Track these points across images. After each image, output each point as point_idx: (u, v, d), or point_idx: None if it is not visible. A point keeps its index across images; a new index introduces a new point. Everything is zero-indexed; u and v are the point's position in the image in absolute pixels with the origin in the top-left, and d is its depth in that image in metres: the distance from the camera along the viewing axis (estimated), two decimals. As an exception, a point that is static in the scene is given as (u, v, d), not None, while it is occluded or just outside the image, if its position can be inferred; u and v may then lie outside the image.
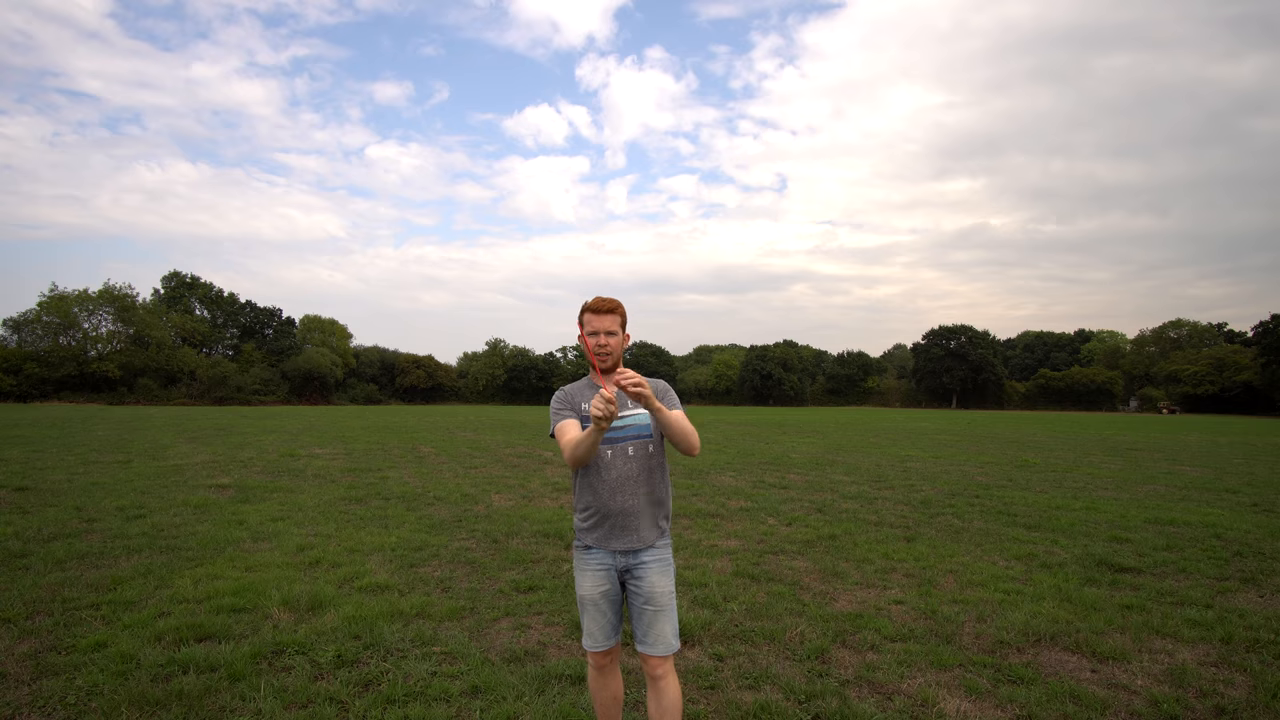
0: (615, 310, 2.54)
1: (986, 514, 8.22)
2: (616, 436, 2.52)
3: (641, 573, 2.54)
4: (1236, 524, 7.73)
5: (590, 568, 2.56)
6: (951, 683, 3.53)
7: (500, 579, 5.25)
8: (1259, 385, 73.09)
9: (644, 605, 2.52)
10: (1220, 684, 3.53)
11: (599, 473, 2.51)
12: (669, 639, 2.52)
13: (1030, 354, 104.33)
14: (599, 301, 2.54)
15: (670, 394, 2.58)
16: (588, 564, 2.57)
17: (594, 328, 2.51)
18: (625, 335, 2.59)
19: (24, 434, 18.63)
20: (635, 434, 2.55)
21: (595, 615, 2.55)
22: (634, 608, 2.55)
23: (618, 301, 2.57)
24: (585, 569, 2.57)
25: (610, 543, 2.53)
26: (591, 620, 2.56)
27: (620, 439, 2.52)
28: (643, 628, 2.52)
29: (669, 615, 2.53)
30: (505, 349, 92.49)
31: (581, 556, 2.59)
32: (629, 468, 2.52)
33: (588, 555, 2.57)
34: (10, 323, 60.49)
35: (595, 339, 2.50)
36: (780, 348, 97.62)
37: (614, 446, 2.52)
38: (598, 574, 2.55)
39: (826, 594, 4.98)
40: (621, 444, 2.52)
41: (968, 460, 15.07)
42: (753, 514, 8.10)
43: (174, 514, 7.52)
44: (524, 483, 10.48)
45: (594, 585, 2.55)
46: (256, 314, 78.65)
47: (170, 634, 3.94)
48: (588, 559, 2.57)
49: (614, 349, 2.52)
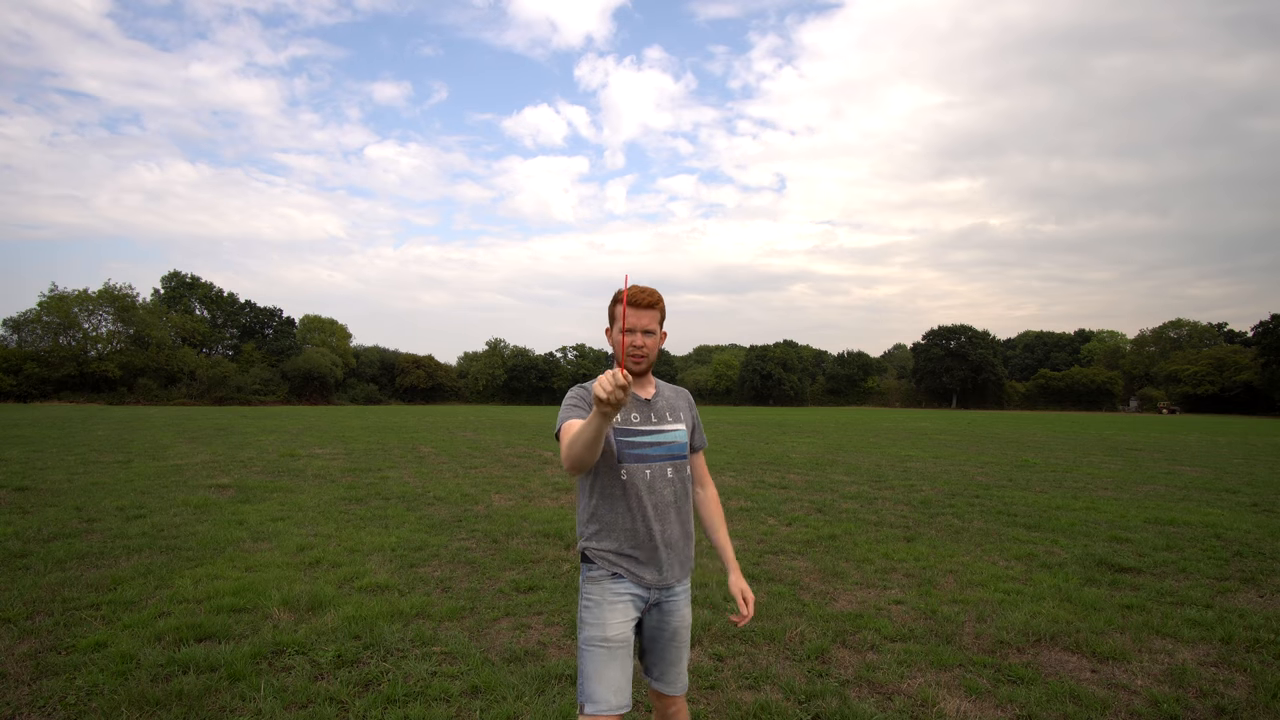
0: (657, 305, 2.12)
1: (986, 514, 8.22)
2: (656, 454, 2.16)
3: (673, 605, 2.19)
4: (1236, 524, 7.73)
5: (622, 600, 2.09)
6: (951, 683, 3.53)
7: (500, 579, 5.25)
8: (1259, 385, 73.09)
9: (670, 640, 2.19)
10: (1220, 684, 3.53)
11: (638, 494, 2.11)
12: (686, 674, 2.27)
13: (1030, 354, 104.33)
14: (639, 293, 2.09)
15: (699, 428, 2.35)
16: (619, 596, 2.09)
17: (631, 324, 2.08)
18: (663, 334, 2.19)
19: (24, 434, 18.62)
20: (677, 452, 2.21)
21: (623, 660, 2.04)
22: (657, 644, 2.21)
23: (659, 294, 2.14)
24: (616, 602, 2.08)
25: (645, 574, 2.11)
26: (614, 669, 2.01)
27: (658, 458, 2.16)
28: (664, 665, 2.21)
29: (688, 649, 2.27)
30: (505, 349, 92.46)
31: (609, 587, 2.09)
32: (669, 492, 2.16)
33: (617, 585, 2.09)
34: (10, 323, 60.49)
35: (631, 338, 2.09)
36: (780, 348, 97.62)
37: (652, 466, 2.14)
38: (630, 607, 2.10)
39: (826, 594, 4.98)
40: (660, 464, 2.16)
41: (968, 460, 15.07)
42: (753, 514, 8.10)
43: (174, 514, 7.52)
44: (524, 483, 10.48)
45: (625, 622, 2.08)
46: (256, 314, 78.63)
47: (170, 634, 3.94)
48: (618, 589, 2.09)
49: (650, 351, 2.12)
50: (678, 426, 2.23)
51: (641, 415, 2.17)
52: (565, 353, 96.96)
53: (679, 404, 2.30)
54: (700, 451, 2.40)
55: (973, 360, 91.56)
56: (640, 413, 2.17)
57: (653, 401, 2.21)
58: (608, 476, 2.12)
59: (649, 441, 2.16)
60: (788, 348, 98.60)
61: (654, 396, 2.22)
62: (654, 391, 2.24)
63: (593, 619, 2.07)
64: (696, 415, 2.36)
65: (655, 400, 2.22)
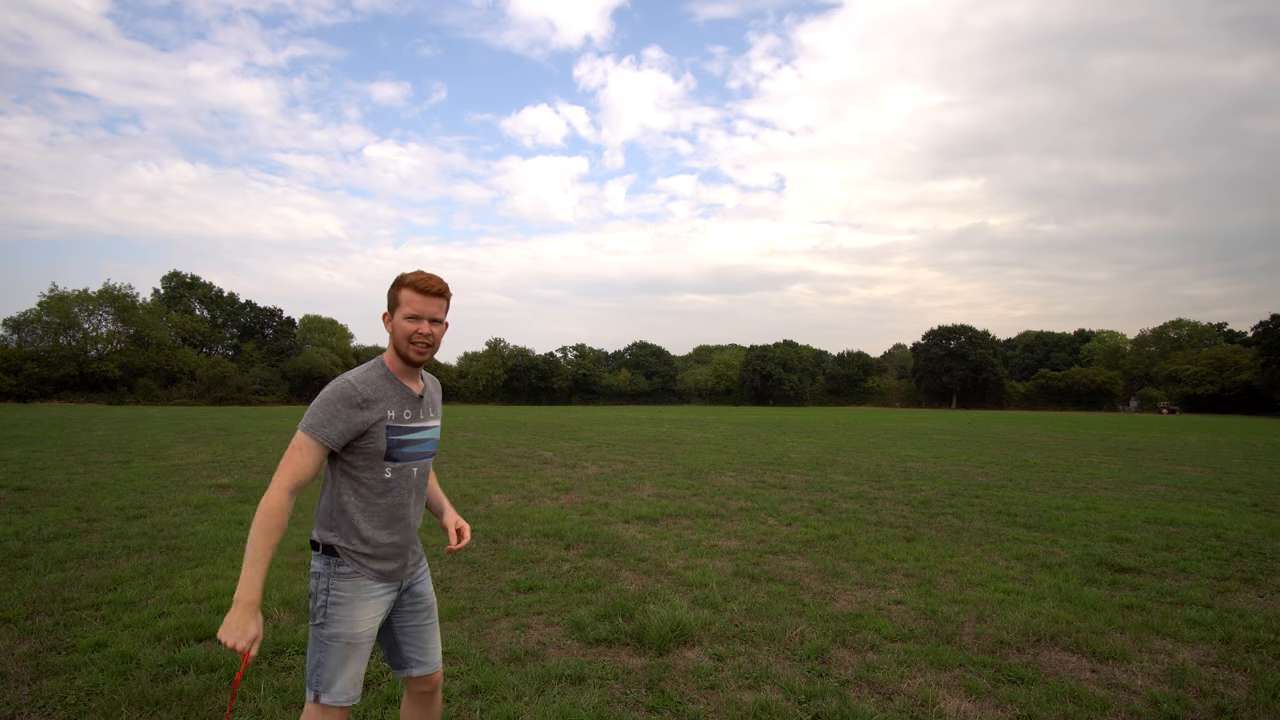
0: (445, 293, 2.09)
1: (986, 514, 8.22)
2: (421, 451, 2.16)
3: (421, 584, 2.25)
4: (1236, 524, 7.73)
5: (375, 596, 2.09)
6: (951, 683, 3.53)
7: (500, 579, 5.25)
8: (1259, 385, 73.08)
9: (426, 619, 2.24)
10: (1220, 684, 3.53)
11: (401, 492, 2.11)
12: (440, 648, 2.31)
13: (1030, 354, 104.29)
14: (426, 280, 2.05)
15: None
16: (373, 593, 2.08)
17: (417, 311, 2.04)
18: (447, 323, 2.15)
19: (24, 434, 18.62)
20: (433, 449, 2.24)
21: (365, 655, 2.09)
22: (411, 625, 2.22)
23: (446, 283, 2.11)
24: (369, 598, 2.07)
25: (397, 568, 2.14)
26: (360, 664, 2.06)
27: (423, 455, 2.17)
28: (421, 646, 2.23)
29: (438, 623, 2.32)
30: (505, 349, 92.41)
31: (368, 586, 2.06)
32: (424, 487, 2.22)
33: (369, 582, 2.07)
34: (10, 323, 60.45)
35: (417, 324, 2.04)
36: (780, 348, 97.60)
37: (419, 464, 2.16)
38: (381, 603, 2.11)
39: (826, 594, 4.98)
40: (424, 461, 2.19)
41: (968, 460, 15.07)
42: (753, 514, 8.10)
43: (174, 514, 7.52)
44: (524, 483, 10.48)
45: (376, 618, 2.10)
46: (256, 314, 78.61)
47: (170, 634, 3.94)
48: (374, 589, 2.08)
49: (436, 340, 2.08)
50: (437, 423, 2.23)
51: (413, 412, 2.12)
52: (565, 353, 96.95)
53: (436, 398, 2.28)
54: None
55: (973, 360, 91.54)
56: (412, 409, 2.12)
57: (422, 397, 2.16)
58: (368, 473, 2.05)
59: (417, 439, 2.13)
60: (788, 348, 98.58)
61: (423, 391, 2.18)
62: (423, 385, 2.20)
63: (345, 619, 2.03)
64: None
65: (424, 396, 2.17)
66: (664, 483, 10.63)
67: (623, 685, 3.47)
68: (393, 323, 2.07)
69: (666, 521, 7.59)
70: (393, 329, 2.07)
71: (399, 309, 2.05)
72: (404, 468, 2.10)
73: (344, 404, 1.97)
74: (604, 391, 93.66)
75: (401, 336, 2.04)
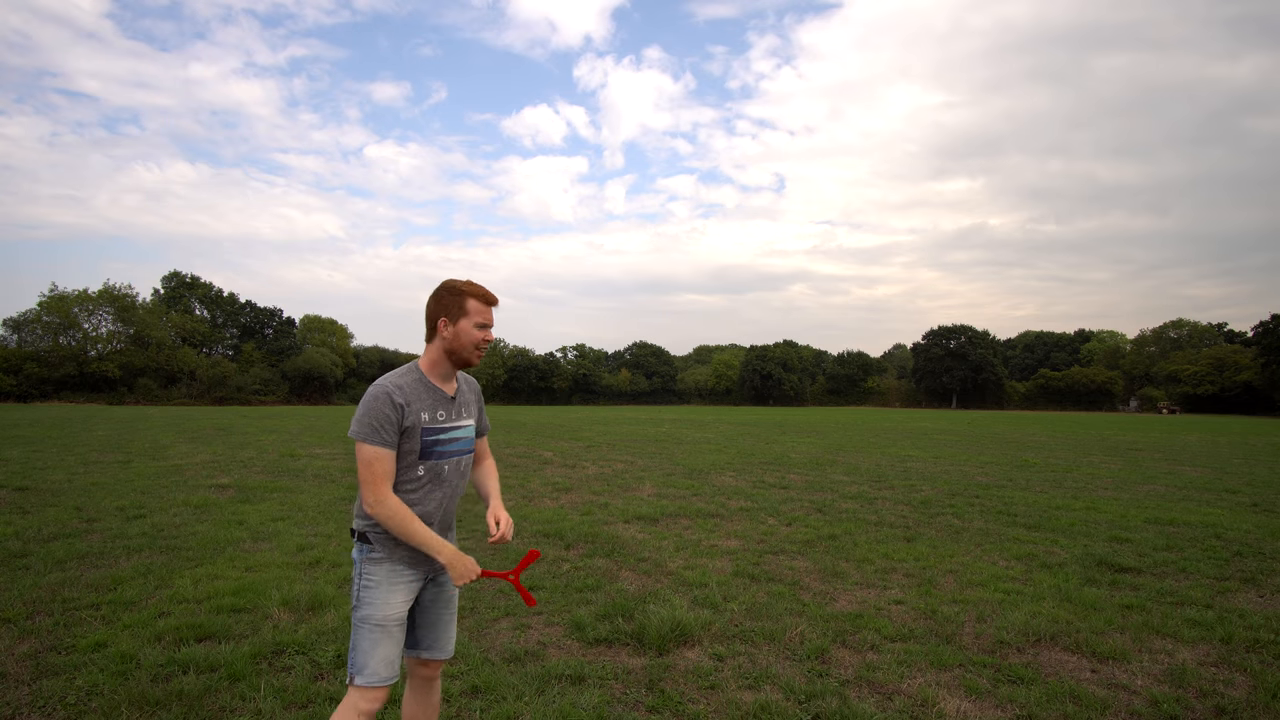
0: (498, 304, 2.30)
1: (986, 514, 8.22)
2: (453, 450, 2.30)
3: (446, 577, 2.37)
4: (1236, 524, 7.73)
5: (405, 581, 2.23)
6: (951, 683, 3.53)
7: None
8: (1259, 385, 73.11)
9: (444, 610, 2.40)
10: (1220, 684, 3.53)
11: (433, 489, 2.27)
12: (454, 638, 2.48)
13: (1030, 354, 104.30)
14: (488, 292, 2.25)
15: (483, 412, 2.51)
16: (403, 578, 2.23)
17: (486, 320, 2.23)
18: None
19: (24, 434, 18.62)
20: (468, 447, 2.38)
21: (397, 639, 2.23)
22: (431, 612, 2.38)
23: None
24: (399, 583, 2.21)
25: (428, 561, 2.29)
26: (392, 646, 2.20)
27: (455, 453, 2.31)
28: (436, 632, 2.39)
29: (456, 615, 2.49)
30: (505, 349, 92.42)
31: (398, 571, 2.22)
32: (459, 484, 2.37)
33: (400, 568, 2.23)
34: (10, 323, 60.44)
35: (484, 332, 2.23)
36: (780, 348, 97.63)
37: (449, 462, 2.29)
38: (411, 588, 2.26)
39: (826, 594, 4.98)
40: (455, 458, 2.31)
41: (968, 460, 15.07)
42: (753, 514, 8.10)
43: (174, 514, 7.52)
44: (524, 483, 10.48)
45: (405, 602, 2.24)
46: (256, 314, 78.60)
47: (170, 634, 3.94)
48: (404, 574, 2.23)
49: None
50: (470, 422, 2.37)
51: (446, 413, 2.27)
52: (565, 353, 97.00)
53: (470, 398, 2.41)
54: (484, 435, 2.53)
55: (973, 360, 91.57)
56: (445, 410, 2.27)
57: (455, 398, 2.30)
58: (403, 471, 2.19)
59: (450, 438, 2.27)
60: (788, 348, 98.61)
61: (456, 392, 2.32)
62: (456, 386, 2.33)
63: (378, 602, 2.18)
64: (482, 402, 2.51)
65: (456, 397, 2.31)
66: (664, 483, 10.63)
67: (623, 685, 3.48)
68: (455, 329, 2.20)
69: (666, 521, 7.59)
70: (454, 334, 2.20)
71: (466, 317, 2.19)
72: (436, 465, 2.25)
73: (390, 408, 2.12)
74: (604, 391, 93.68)
75: (469, 343, 2.21)
